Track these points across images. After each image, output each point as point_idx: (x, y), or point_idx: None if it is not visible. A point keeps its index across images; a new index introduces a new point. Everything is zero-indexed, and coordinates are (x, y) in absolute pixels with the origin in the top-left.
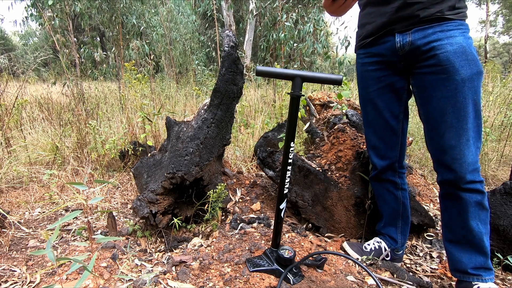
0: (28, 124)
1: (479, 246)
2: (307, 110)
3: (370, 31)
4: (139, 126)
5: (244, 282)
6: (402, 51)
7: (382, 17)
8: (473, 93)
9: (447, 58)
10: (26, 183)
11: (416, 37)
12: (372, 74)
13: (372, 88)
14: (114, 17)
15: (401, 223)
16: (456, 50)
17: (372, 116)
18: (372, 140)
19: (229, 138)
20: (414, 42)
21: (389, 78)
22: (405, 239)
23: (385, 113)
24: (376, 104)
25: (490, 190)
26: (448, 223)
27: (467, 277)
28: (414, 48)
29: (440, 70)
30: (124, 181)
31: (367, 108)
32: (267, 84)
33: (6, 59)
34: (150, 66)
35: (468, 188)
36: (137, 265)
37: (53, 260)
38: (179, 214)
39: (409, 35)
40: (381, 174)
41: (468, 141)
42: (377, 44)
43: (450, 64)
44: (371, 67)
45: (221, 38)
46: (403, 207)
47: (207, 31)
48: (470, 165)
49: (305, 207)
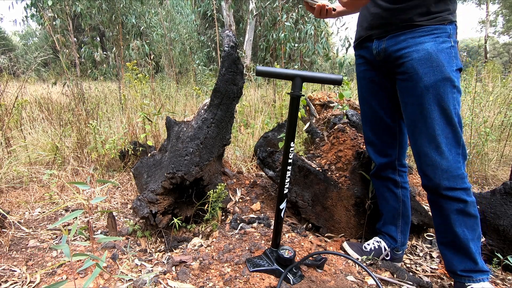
0: (28, 124)
1: (467, 251)
2: (307, 110)
3: (358, 34)
4: (139, 126)
5: (244, 282)
6: (378, 57)
7: (365, 22)
8: (439, 99)
9: (412, 66)
10: (26, 183)
11: (389, 44)
12: (364, 74)
13: (366, 88)
14: (114, 17)
15: (402, 222)
16: (421, 58)
17: (368, 115)
18: (369, 136)
19: (229, 138)
20: (387, 49)
21: (379, 78)
22: (405, 239)
23: (380, 112)
24: (370, 103)
25: (490, 190)
26: (437, 227)
27: (458, 278)
28: (387, 55)
29: (408, 77)
30: (124, 181)
31: (364, 106)
32: (267, 84)
33: (6, 59)
34: (150, 66)
35: (447, 195)
36: (137, 265)
37: (68, 256)
38: (179, 214)
39: (383, 41)
40: (381, 172)
41: (438, 147)
42: (362, 48)
43: (415, 72)
44: (362, 68)
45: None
46: (403, 206)
47: (207, 31)
48: (446, 172)
49: (305, 207)
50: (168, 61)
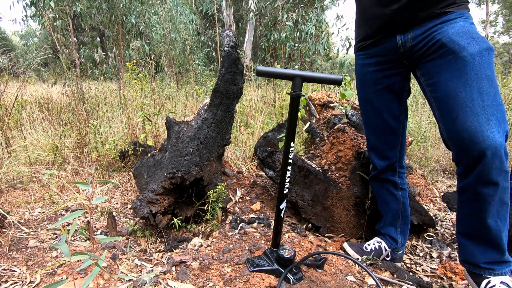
0: (28, 124)
1: (496, 243)
2: (307, 110)
3: (368, 34)
4: (139, 126)
5: (244, 282)
6: (403, 48)
7: (379, 20)
8: (486, 67)
9: (450, 38)
10: (26, 183)
11: (417, 32)
12: (372, 76)
13: (371, 89)
14: (114, 17)
15: (401, 223)
16: (458, 31)
17: (372, 117)
18: (372, 140)
19: (229, 138)
20: (415, 38)
21: (389, 79)
22: (405, 239)
23: (385, 114)
24: (375, 105)
25: None
26: (464, 218)
27: (478, 270)
28: (416, 42)
29: (445, 52)
30: (124, 181)
31: (366, 109)
32: (267, 84)
33: (6, 59)
34: (150, 66)
35: (490, 181)
36: (137, 265)
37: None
38: (179, 214)
39: (410, 32)
40: (381, 174)
41: (489, 120)
42: (376, 45)
43: (455, 43)
44: (371, 68)
45: (221, 38)
46: (403, 207)
47: (207, 31)
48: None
49: (305, 207)
50: (168, 61)
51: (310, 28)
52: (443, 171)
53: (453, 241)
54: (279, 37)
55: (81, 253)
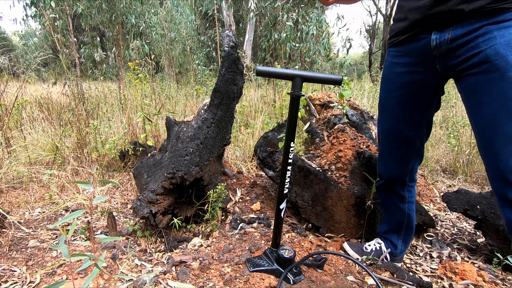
0: (28, 124)
1: None
2: (307, 110)
3: (402, 28)
4: (139, 126)
5: (244, 282)
6: (437, 51)
7: (416, 13)
8: None
9: (496, 51)
10: (26, 183)
11: (458, 33)
12: (399, 78)
13: (394, 93)
14: (114, 17)
15: (404, 232)
16: (509, 41)
17: (387, 123)
18: (383, 148)
19: (229, 138)
20: (454, 41)
21: (416, 86)
22: (405, 247)
23: (403, 123)
24: (394, 111)
25: (490, 190)
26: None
27: None
28: (453, 47)
29: (489, 67)
30: (124, 181)
31: (384, 113)
32: (267, 84)
33: (6, 59)
34: (150, 66)
35: None
36: (137, 265)
37: (66, 256)
38: (179, 214)
39: (448, 32)
40: (388, 185)
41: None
42: (409, 43)
43: (502, 59)
44: (399, 69)
45: (221, 38)
46: (408, 219)
47: (207, 31)
48: None
49: (305, 207)
50: (168, 61)
51: (311, 29)
52: (443, 171)
53: (453, 241)
54: (279, 37)
55: (81, 254)
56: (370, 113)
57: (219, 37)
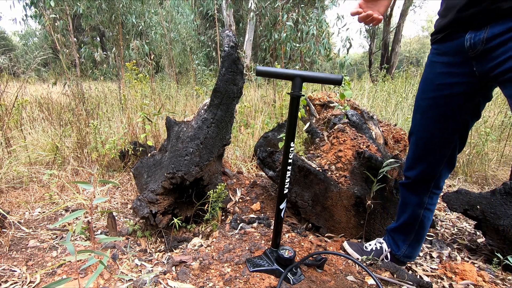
0: (28, 124)
1: None
2: (307, 110)
3: (441, 26)
4: (139, 126)
5: (244, 282)
6: (473, 52)
7: (452, 11)
8: None
9: None
10: (26, 183)
11: (495, 31)
12: (437, 78)
13: (430, 94)
14: (114, 17)
15: (414, 237)
16: None
17: (420, 126)
18: (412, 149)
19: (229, 138)
20: (490, 41)
21: (454, 88)
22: (411, 253)
23: (435, 127)
24: (427, 113)
25: (490, 190)
26: None
27: None
28: (489, 48)
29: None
30: (124, 181)
31: (417, 113)
32: (267, 84)
33: (7, 59)
34: (150, 66)
35: None
36: (137, 265)
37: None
38: (179, 214)
39: (485, 31)
40: (413, 186)
41: None
42: (447, 41)
43: None
44: (438, 69)
45: (221, 38)
46: (420, 225)
47: (207, 31)
48: None
49: (305, 207)
50: (168, 61)
51: (312, 29)
52: None
53: (453, 241)
54: (279, 37)
55: (86, 250)
56: (370, 113)
57: (219, 37)
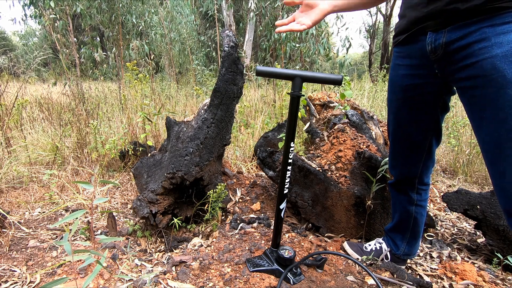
0: (28, 124)
1: None
2: (307, 110)
3: (403, 27)
4: (139, 126)
5: (244, 282)
6: (434, 56)
7: (413, 11)
8: None
9: (494, 65)
10: (26, 183)
11: (453, 37)
12: (402, 80)
13: (399, 95)
14: (114, 17)
15: (410, 235)
16: (507, 53)
17: (395, 125)
18: (391, 150)
19: (229, 138)
20: (449, 45)
21: (420, 89)
22: (410, 251)
23: (409, 126)
24: (399, 114)
25: (490, 190)
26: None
27: None
28: (448, 52)
29: (485, 82)
30: (124, 181)
31: (390, 116)
32: (267, 84)
33: (7, 59)
34: (150, 66)
35: None
36: (137, 265)
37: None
38: (179, 214)
39: (443, 34)
40: (398, 185)
41: None
42: (409, 43)
43: (498, 73)
44: (402, 71)
45: (221, 38)
46: (414, 222)
47: (207, 31)
48: None
49: (305, 207)
50: (168, 61)
51: (312, 30)
52: (443, 171)
53: (453, 241)
54: (279, 37)
55: (83, 250)
56: (370, 113)
57: (219, 37)
